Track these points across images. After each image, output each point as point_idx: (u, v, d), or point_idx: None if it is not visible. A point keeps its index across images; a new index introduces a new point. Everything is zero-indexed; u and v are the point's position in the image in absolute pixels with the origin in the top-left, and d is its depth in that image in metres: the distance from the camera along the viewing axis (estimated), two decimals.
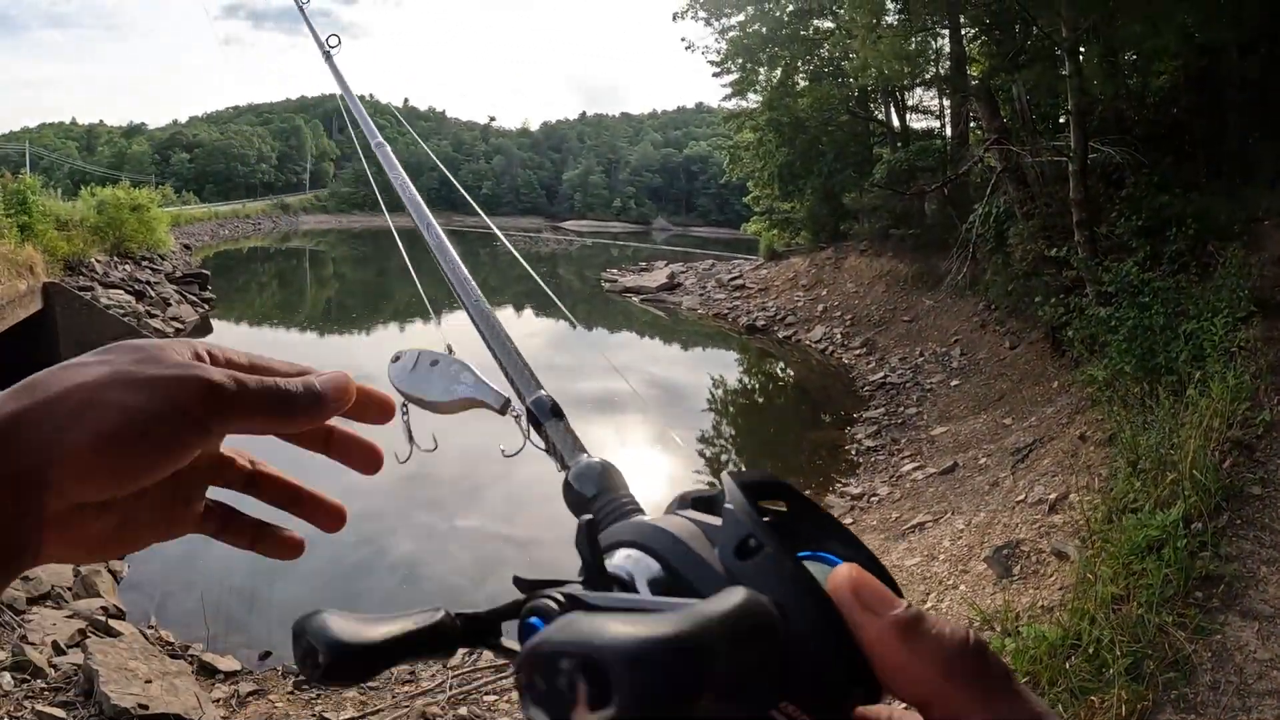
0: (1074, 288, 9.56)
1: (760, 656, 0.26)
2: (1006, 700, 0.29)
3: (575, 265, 37.62)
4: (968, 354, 12.55)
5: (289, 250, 46.49)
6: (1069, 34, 9.79)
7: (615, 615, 0.23)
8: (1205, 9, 9.18)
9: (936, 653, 0.29)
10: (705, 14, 22.56)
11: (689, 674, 0.22)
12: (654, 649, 0.22)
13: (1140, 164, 10.06)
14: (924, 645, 0.29)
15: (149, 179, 52.67)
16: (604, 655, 0.21)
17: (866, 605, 0.30)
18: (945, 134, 18.55)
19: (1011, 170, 11.27)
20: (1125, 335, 7.46)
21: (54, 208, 17.65)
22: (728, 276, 23.49)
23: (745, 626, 0.25)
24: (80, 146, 78.01)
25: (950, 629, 0.30)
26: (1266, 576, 4.27)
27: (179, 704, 4.48)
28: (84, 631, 5.19)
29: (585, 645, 0.22)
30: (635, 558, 0.33)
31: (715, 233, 59.33)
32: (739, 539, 0.31)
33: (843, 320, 16.56)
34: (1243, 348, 6.53)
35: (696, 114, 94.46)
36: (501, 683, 5.23)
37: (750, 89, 22.44)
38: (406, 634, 0.30)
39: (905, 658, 0.29)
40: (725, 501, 0.33)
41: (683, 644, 0.22)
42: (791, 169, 21.05)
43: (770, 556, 0.30)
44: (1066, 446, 7.39)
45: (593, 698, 0.21)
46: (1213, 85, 10.99)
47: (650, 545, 0.33)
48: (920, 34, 15.83)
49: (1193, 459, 5.07)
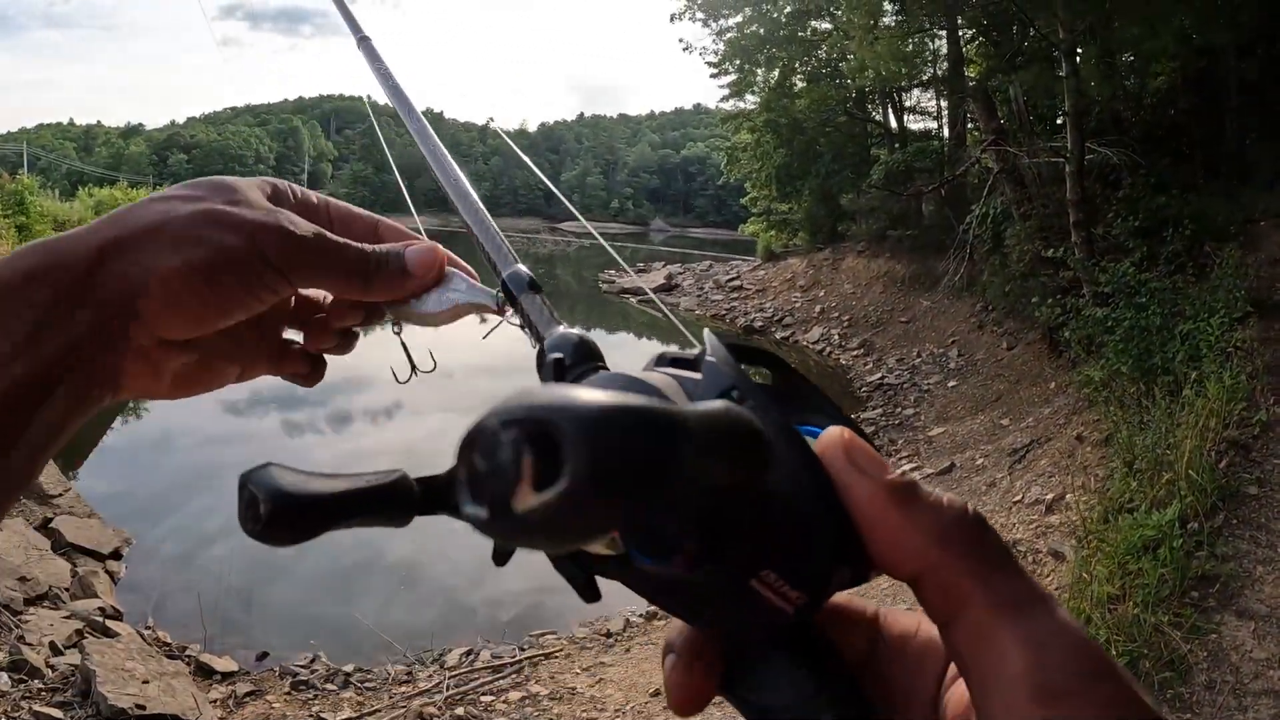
0: (1071, 288, 9.57)
1: (737, 474, 0.23)
2: (1007, 576, 0.26)
3: (573, 266, 37.61)
4: (965, 355, 12.56)
5: None
6: (1066, 35, 9.82)
7: (579, 387, 0.19)
8: (1203, 11, 9.21)
9: (933, 520, 0.26)
10: (703, 15, 22.59)
11: (659, 451, 0.18)
12: (618, 414, 0.18)
13: (1137, 165, 10.08)
14: (920, 511, 0.27)
15: (147, 180, 52.66)
16: (556, 418, 0.17)
17: (859, 467, 0.27)
18: (943, 135, 18.57)
19: (1009, 171, 11.28)
20: (1122, 336, 7.47)
21: (51, 208, 17.66)
22: (725, 277, 23.47)
23: (725, 426, 0.22)
24: (78, 147, 77.87)
25: (949, 498, 0.27)
26: (1262, 576, 4.28)
27: (176, 704, 4.47)
28: (81, 632, 5.19)
29: (534, 409, 0.18)
30: None
31: (713, 234, 59.31)
32: (721, 389, 0.28)
33: (840, 321, 16.57)
34: (1239, 348, 6.54)
35: (694, 115, 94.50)
36: (499, 683, 5.24)
37: (748, 90, 22.45)
38: (358, 491, 0.27)
39: (899, 524, 0.27)
40: (707, 355, 0.30)
41: (653, 415, 0.18)
42: (789, 170, 21.06)
43: (754, 409, 0.27)
44: (1063, 447, 7.40)
45: (540, 473, 0.17)
46: (1210, 86, 11.02)
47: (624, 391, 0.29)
48: (917, 35, 15.87)
49: (1189, 459, 5.08)
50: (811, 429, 0.30)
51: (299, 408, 12.23)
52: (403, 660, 5.62)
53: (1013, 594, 0.26)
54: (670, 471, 0.19)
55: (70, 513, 6.99)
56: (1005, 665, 0.24)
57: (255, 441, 10.85)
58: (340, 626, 6.00)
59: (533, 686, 5.13)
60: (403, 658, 5.64)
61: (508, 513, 0.18)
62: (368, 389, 13.70)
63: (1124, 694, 0.24)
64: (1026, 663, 0.24)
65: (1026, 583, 0.26)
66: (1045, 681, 0.24)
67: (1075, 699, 0.24)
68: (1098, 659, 0.25)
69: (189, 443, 10.88)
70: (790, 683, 0.28)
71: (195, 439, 10.98)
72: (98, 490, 8.36)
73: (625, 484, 0.18)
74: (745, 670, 0.29)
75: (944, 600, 0.26)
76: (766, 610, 0.26)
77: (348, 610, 6.12)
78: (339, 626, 6.00)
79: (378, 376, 0.82)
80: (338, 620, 6.07)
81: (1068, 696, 0.24)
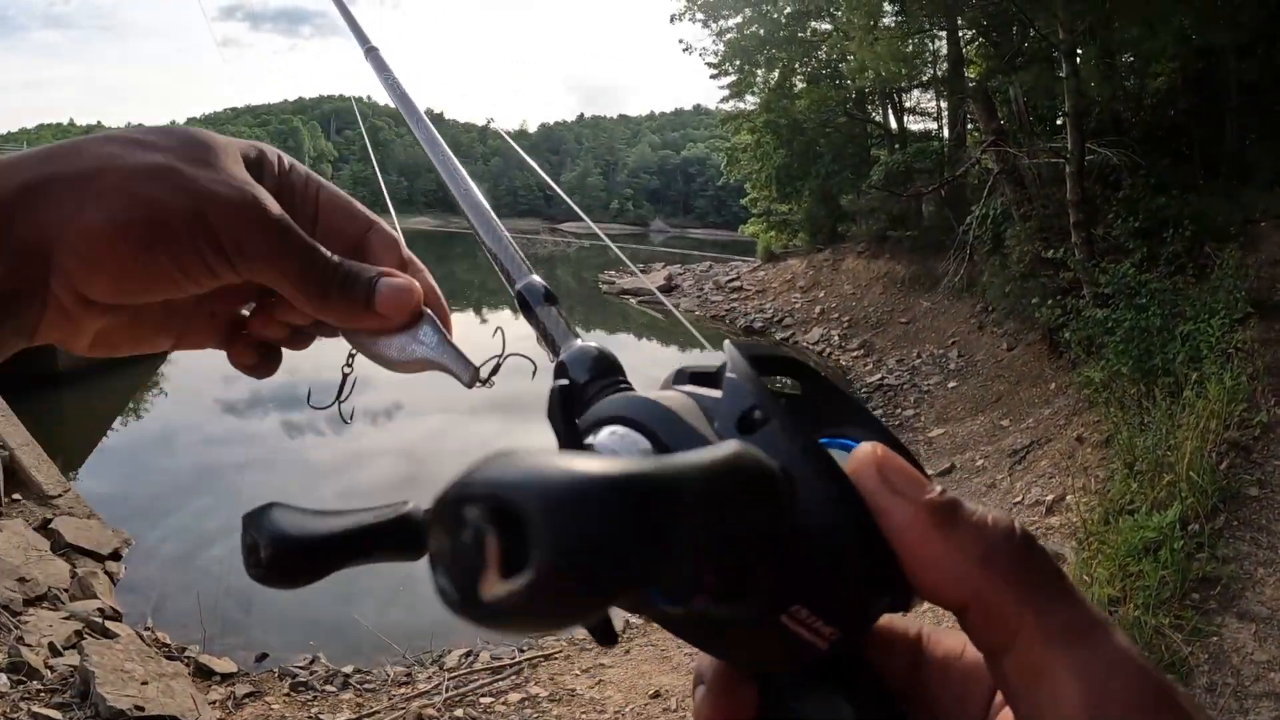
0: (1071, 289, 9.57)
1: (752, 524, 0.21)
2: (1060, 603, 0.24)
3: (573, 267, 37.61)
4: (965, 355, 12.56)
5: None
6: (1066, 36, 9.82)
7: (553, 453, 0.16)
8: (1202, 11, 9.21)
9: (976, 543, 0.24)
10: (703, 16, 22.59)
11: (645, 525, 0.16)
12: (590, 486, 0.15)
13: (1137, 165, 10.07)
14: (961, 534, 0.25)
15: None
16: (518, 496, 0.15)
17: (894, 487, 0.25)
18: (943, 136, 18.57)
19: (1009, 172, 11.28)
20: (1122, 337, 7.47)
21: None
22: (725, 278, 23.47)
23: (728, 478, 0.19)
24: None
25: (993, 516, 0.25)
26: (1264, 578, 4.28)
27: (175, 706, 4.46)
28: (80, 633, 5.18)
29: (496, 484, 0.15)
30: (620, 434, 0.27)
31: (713, 234, 59.32)
32: (741, 410, 0.26)
33: (840, 322, 16.57)
34: (1239, 349, 6.54)
35: (694, 116, 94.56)
36: (499, 684, 5.23)
37: (748, 91, 22.44)
38: (364, 528, 0.25)
39: (939, 548, 0.24)
40: (728, 371, 0.27)
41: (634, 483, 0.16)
42: (789, 171, 21.06)
43: (778, 430, 0.25)
44: (1064, 448, 7.40)
45: (506, 556, 0.15)
46: (1210, 87, 11.02)
47: (637, 419, 0.27)
48: (917, 36, 15.87)
49: (1189, 460, 5.07)
50: (845, 442, 0.28)
51: (299, 408, 12.21)
52: (402, 661, 5.61)
53: (1067, 622, 0.24)
54: (663, 544, 0.16)
55: (70, 513, 6.98)
56: (1059, 700, 0.23)
57: (255, 442, 10.84)
58: (339, 627, 5.99)
59: (532, 688, 5.12)
60: (402, 659, 5.64)
61: (476, 600, 0.16)
62: (367, 389, 13.69)
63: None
64: (1082, 697, 0.23)
65: (1081, 608, 0.24)
66: (1102, 716, 0.22)
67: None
68: (1158, 688, 0.23)
69: (189, 443, 10.88)
70: (828, 715, 0.26)
71: (195, 439, 10.98)
72: (97, 491, 8.35)
73: (603, 569, 0.15)
74: (779, 702, 0.27)
75: (993, 630, 0.24)
76: (799, 647, 0.25)
77: (347, 611, 6.11)
78: (338, 627, 5.99)
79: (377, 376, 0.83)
80: (337, 621, 6.06)
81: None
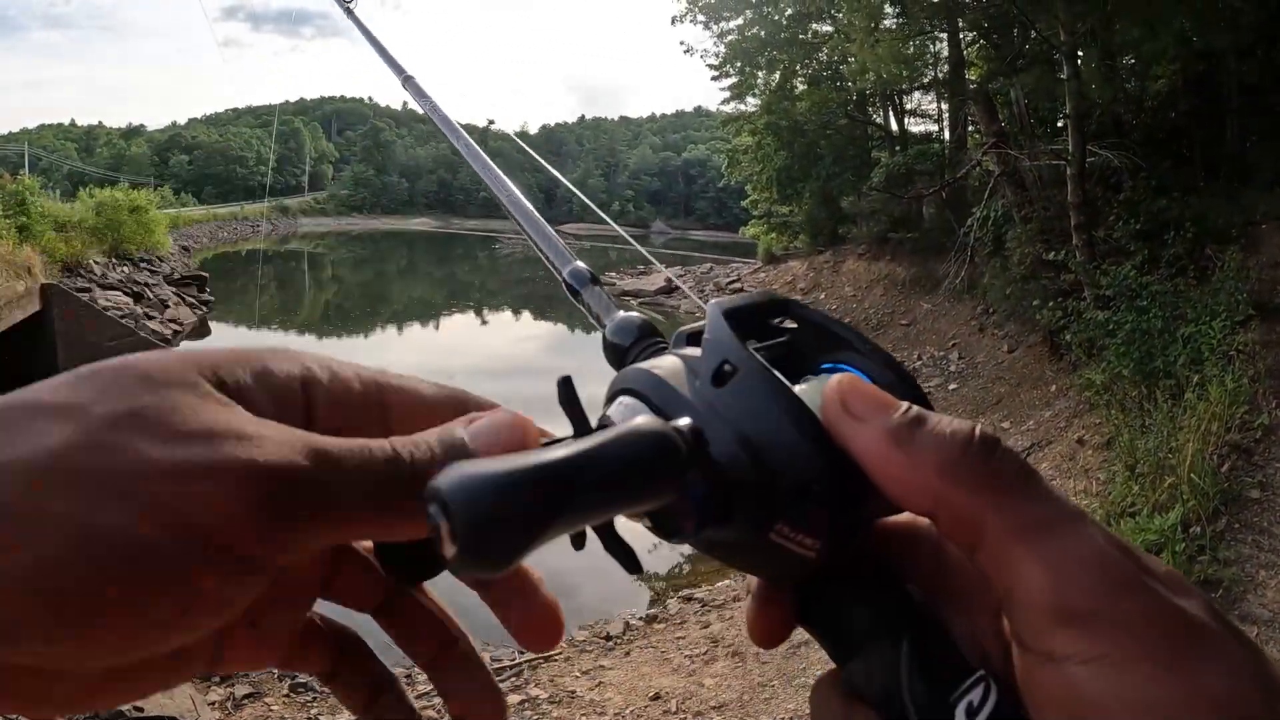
0: (1072, 291, 9.57)
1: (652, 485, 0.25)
2: (1023, 498, 0.25)
3: None
4: (965, 357, 12.55)
5: (288, 253, 46.49)
6: (1067, 38, 9.82)
7: (475, 463, 0.23)
8: (1203, 13, 9.21)
9: (935, 454, 0.25)
10: (704, 18, 22.59)
11: (529, 508, 0.22)
12: (477, 483, 0.22)
13: (1138, 167, 10.07)
14: (920, 448, 0.26)
15: (147, 180, 52.80)
16: (442, 496, 0.22)
17: (854, 413, 0.27)
18: (943, 138, 18.57)
19: (1010, 174, 11.28)
20: (1123, 339, 7.47)
21: (52, 209, 17.68)
22: (726, 280, 23.51)
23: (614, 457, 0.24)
24: (79, 148, 78.07)
25: (953, 426, 0.26)
26: (1265, 580, 4.27)
27: (174, 706, 4.46)
28: None
29: (436, 487, 0.22)
30: (626, 404, 0.31)
31: (713, 236, 59.39)
32: (715, 365, 0.30)
33: None
34: (1241, 351, 6.54)
35: (695, 117, 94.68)
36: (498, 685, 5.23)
37: (749, 92, 22.45)
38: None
39: (900, 467, 0.26)
40: (706, 331, 0.31)
41: (506, 478, 0.22)
42: (790, 172, 21.06)
43: (745, 376, 0.29)
44: (1064, 450, 7.39)
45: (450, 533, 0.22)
46: (1211, 89, 11.02)
47: (635, 388, 0.31)
48: (918, 37, 15.87)
49: (1191, 463, 5.07)
50: (842, 366, 0.32)
51: None
52: (401, 663, 5.60)
53: (1033, 517, 0.24)
54: (549, 519, 0.22)
55: None
56: (1028, 589, 0.24)
57: None
58: None
59: (532, 690, 5.11)
60: (401, 660, 5.63)
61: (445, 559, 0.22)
62: None
63: (1155, 606, 0.23)
64: (1048, 584, 0.23)
65: (1049, 504, 0.25)
66: (1065, 602, 0.23)
67: (1098, 618, 0.22)
68: (1125, 575, 0.23)
69: None
70: (851, 612, 0.29)
71: None
72: None
73: (493, 543, 0.22)
74: (811, 603, 0.31)
75: (958, 532, 0.25)
76: (793, 558, 0.28)
77: (347, 611, 6.11)
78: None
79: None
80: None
81: (1091, 616, 0.23)
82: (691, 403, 0.29)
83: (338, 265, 41.85)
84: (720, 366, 0.29)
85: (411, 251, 40.20)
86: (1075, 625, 0.23)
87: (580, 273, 0.49)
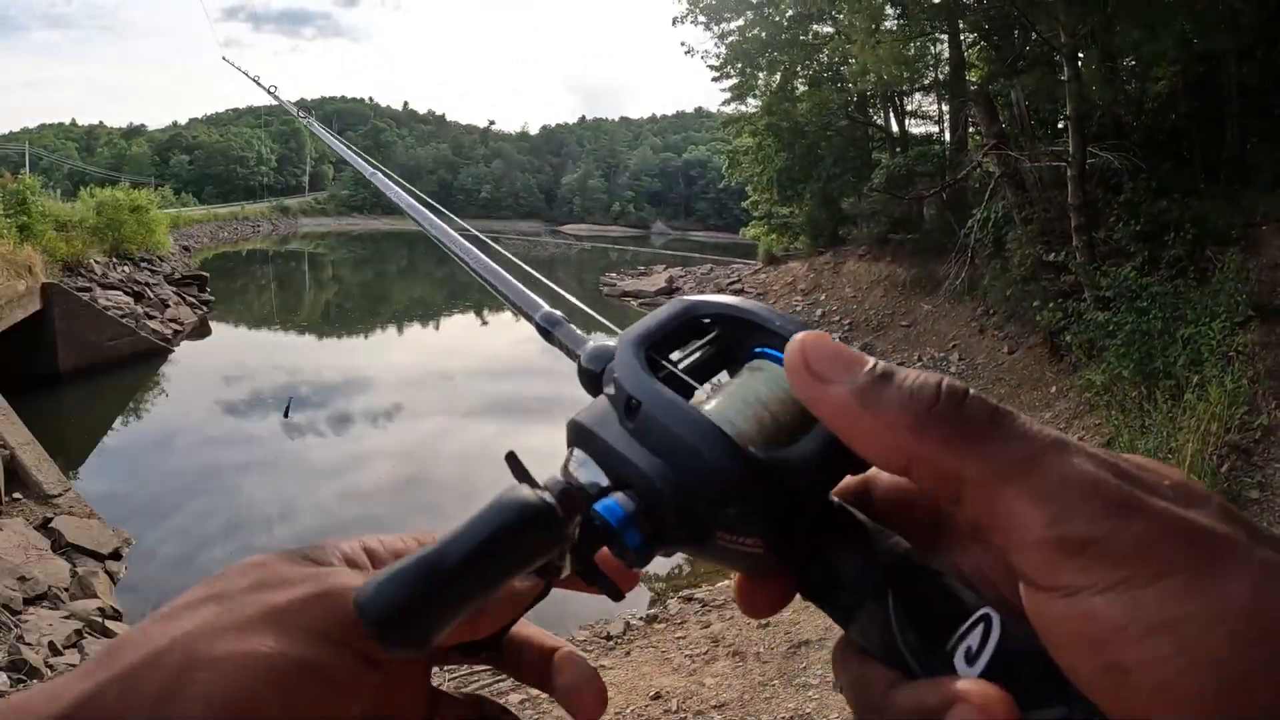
0: (1072, 292, 9.57)
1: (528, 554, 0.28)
2: (999, 441, 0.24)
3: (574, 269, 37.63)
4: (966, 358, 12.56)
5: (288, 253, 46.51)
6: (1067, 39, 9.82)
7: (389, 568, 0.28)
8: (1203, 15, 9.21)
9: (903, 411, 0.25)
10: (704, 19, 22.59)
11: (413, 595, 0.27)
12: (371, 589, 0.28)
13: (1138, 169, 10.08)
14: (887, 406, 0.25)
15: (148, 180, 52.79)
16: (360, 597, 0.28)
17: (819, 375, 0.26)
18: (944, 139, 18.57)
19: (1010, 175, 11.29)
20: (1123, 340, 7.47)
21: (53, 209, 17.67)
22: (726, 281, 23.50)
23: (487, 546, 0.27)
24: (80, 147, 78.02)
25: (919, 381, 0.25)
26: None
27: None
28: (81, 632, 5.18)
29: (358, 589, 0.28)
30: (579, 459, 0.33)
31: (714, 237, 59.33)
32: (624, 402, 0.31)
33: (841, 324, 16.57)
34: (1240, 352, 6.54)
35: (696, 118, 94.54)
36: (499, 685, 5.22)
37: (749, 93, 22.44)
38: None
39: (869, 425, 0.25)
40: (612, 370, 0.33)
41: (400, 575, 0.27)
42: (790, 173, 21.05)
43: (649, 407, 0.30)
44: None
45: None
46: (1211, 91, 11.02)
47: (579, 441, 0.33)
48: (919, 39, 15.88)
49: (1190, 463, 5.08)
50: (769, 351, 0.33)
51: (299, 409, 12.22)
52: None
53: (1013, 457, 0.24)
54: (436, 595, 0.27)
55: (70, 513, 6.99)
56: (1021, 528, 0.23)
57: (255, 443, 10.84)
58: None
59: (532, 689, 5.11)
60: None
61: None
62: (367, 389, 13.70)
63: (1162, 522, 0.22)
64: (1040, 519, 0.22)
65: (1026, 440, 0.24)
66: (1065, 533, 0.22)
67: (1104, 544, 0.22)
68: (1120, 494, 0.22)
69: (189, 443, 10.88)
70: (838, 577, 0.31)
71: (196, 439, 10.98)
72: (98, 490, 8.36)
73: (395, 625, 0.27)
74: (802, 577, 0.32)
75: (937, 486, 0.25)
76: (747, 554, 0.30)
77: None
78: None
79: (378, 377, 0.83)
80: None
81: (1096, 543, 0.22)
82: (613, 447, 0.31)
83: (338, 265, 41.86)
84: (628, 402, 0.31)
85: (412, 252, 40.14)
86: (1082, 555, 0.22)
87: (551, 316, 0.54)
